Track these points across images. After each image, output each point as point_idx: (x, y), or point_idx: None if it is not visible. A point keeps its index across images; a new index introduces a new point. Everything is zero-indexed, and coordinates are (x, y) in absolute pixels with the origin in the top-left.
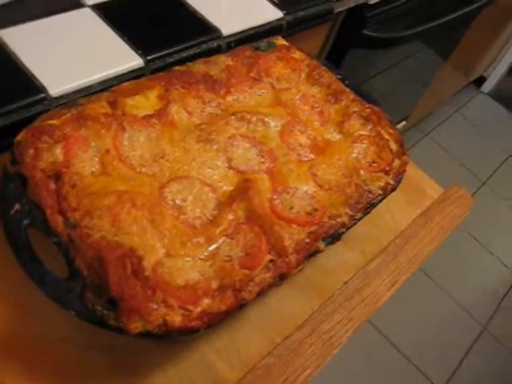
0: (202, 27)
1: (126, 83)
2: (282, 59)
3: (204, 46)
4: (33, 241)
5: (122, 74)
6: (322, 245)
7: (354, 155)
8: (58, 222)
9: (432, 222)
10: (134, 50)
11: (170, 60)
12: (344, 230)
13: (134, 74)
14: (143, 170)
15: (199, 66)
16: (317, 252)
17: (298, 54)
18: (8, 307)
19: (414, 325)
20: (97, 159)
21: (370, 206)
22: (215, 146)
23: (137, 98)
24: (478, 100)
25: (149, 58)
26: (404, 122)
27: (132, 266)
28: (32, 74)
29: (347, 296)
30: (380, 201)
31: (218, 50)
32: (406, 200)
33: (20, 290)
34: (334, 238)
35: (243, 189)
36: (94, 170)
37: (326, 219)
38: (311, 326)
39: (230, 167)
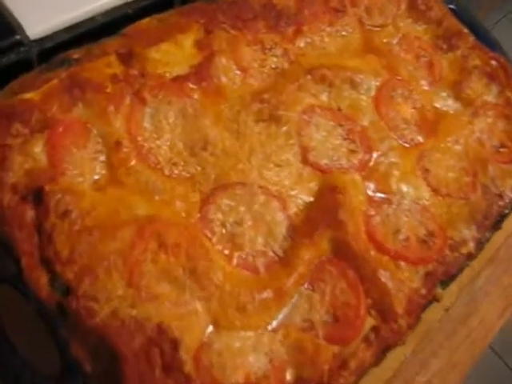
0: None
1: (144, 20)
2: None
3: None
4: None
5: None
6: (439, 290)
7: (477, 135)
8: (39, 281)
9: None
10: None
11: None
12: (468, 262)
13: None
14: (175, 171)
15: None
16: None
17: None
18: None
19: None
20: (102, 158)
21: (500, 220)
22: (284, 128)
23: (163, 48)
24: None
25: None
26: None
27: (163, 358)
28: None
29: (449, 331)
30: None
31: None
32: None
33: None
34: (454, 277)
35: (329, 206)
36: (97, 178)
37: (446, 251)
38: (403, 380)
39: (305, 162)
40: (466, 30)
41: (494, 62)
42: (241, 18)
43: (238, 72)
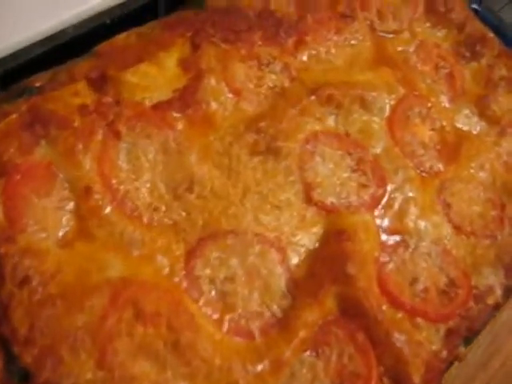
0: None
1: (121, 36)
2: None
3: None
4: None
5: (112, 7)
6: (462, 349)
7: (504, 159)
8: None
9: None
10: None
11: None
12: (496, 313)
13: (133, 6)
14: (156, 218)
15: None
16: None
17: None
18: None
19: None
20: (69, 207)
21: None
22: (284, 162)
23: (142, 69)
24: None
25: None
26: None
27: None
28: None
29: (467, 377)
30: None
31: None
32: None
33: None
34: (478, 332)
35: (336, 255)
36: (63, 232)
37: (471, 303)
38: None
39: (309, 201)
40: (491, 35)
41: None
42: (233, 29)
43: (230, 95)
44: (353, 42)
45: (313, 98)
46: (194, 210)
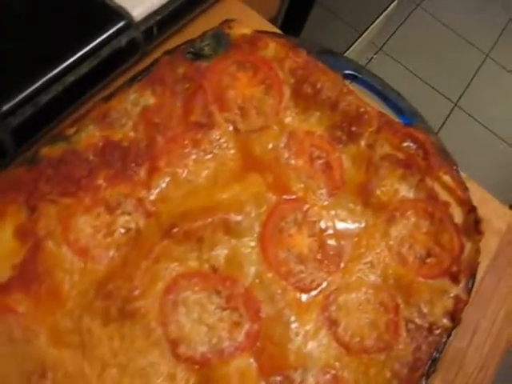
0: (91, 15)
1: None
2: (246, 68)
3: (103, 54)
4: None
5: None
6: None
7: (395, 249)
8: None
9: (506, 278)
10: None
11: (39, 103)
12: None
13: None
14: None
15: (90, 133)
16: None
17: (271, 50)
18: None
19: None
20: None
21: (434, 361)
22: (142, 324)
23: None
24: None
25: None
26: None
27: None
28: None
29: None
30: (447, 340)
31: (128, 54)
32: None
33: None
34: None
35: None
36: None
37: None
38: None
39: (177, 357)
40: (369, 108)
41: (407, 143)
42: (72, 179)
43: (76, 257)
44: (215, 151)
45: (167, 240)
46: None
